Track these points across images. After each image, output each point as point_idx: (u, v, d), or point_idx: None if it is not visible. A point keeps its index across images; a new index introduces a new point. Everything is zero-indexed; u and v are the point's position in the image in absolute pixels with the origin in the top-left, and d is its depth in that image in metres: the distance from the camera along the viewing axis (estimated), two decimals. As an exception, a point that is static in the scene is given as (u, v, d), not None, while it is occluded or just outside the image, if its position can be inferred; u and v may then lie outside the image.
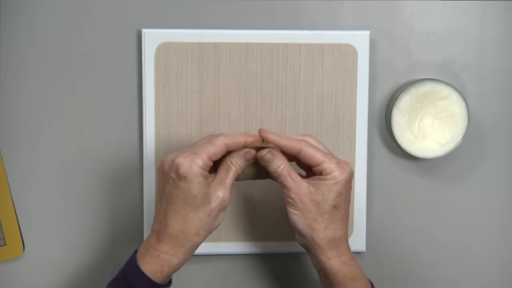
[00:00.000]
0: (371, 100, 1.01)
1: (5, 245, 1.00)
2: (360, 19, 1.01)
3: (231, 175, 0.88)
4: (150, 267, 0.87)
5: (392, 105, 0.99)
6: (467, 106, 0.99)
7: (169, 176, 0.87)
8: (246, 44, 0.99)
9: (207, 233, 0.88)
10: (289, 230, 0.96)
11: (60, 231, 1.02)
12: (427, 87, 0.99)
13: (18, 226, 1.01)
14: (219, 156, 0.87)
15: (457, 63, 1.02)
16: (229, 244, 1.01)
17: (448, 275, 1.05)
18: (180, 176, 0.85)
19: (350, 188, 0.90)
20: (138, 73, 1.00)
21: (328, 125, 1.01)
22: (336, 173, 0.88)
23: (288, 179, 0.88)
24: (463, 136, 0.99)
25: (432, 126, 0.99)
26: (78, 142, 1.01)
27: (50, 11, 0.99)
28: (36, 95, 1.00)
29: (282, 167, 0.88)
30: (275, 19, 1.00)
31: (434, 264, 1.04)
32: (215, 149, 0.87)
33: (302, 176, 0.90)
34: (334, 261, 0.89)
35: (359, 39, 1.00)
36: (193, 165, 0.85)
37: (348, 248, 0.90)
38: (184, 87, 0.99)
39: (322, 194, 0.88)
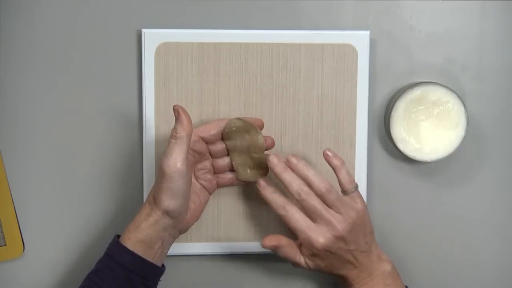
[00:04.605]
0: (371, 100, 1.01)
1: (5, 245, 1.00)
2: (360, 19, 1.01)
3: (170, 142, 0.90)
4: (125, 234, 0.92)
5: (391, 109, 0.99)
6: (466, 110, 0.98)
7: None
8: (246, 44, 0.99)
9: (167, 193, 0.90)
10: (289, 231, 0.95)
11: (60, 231, 1.02)
12: (426, 90, 0.98)
13: (18, 226, 1.01)
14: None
15: (457, 63, 1.02)
16: (229, 244, 1.01)
17: (448, 276, 1.05)
18: None
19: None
20: (138, 73, 1.00)
21: (328, 125, 1.01)
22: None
23: None
24: (462, 140, 0.99)
25: (431, 129, 0.99)
26: (78, 142, 1.01)
27: (50, 11, 0.99)
28: (36, 95, 1.00)
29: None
30: (275, 19, 1.00)
31: (434, 265, 1.04)
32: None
33: None
34: None
35: (359, 39, 1.00)
36: None
37: None
38: (184, 87, 0.99)
39: None
